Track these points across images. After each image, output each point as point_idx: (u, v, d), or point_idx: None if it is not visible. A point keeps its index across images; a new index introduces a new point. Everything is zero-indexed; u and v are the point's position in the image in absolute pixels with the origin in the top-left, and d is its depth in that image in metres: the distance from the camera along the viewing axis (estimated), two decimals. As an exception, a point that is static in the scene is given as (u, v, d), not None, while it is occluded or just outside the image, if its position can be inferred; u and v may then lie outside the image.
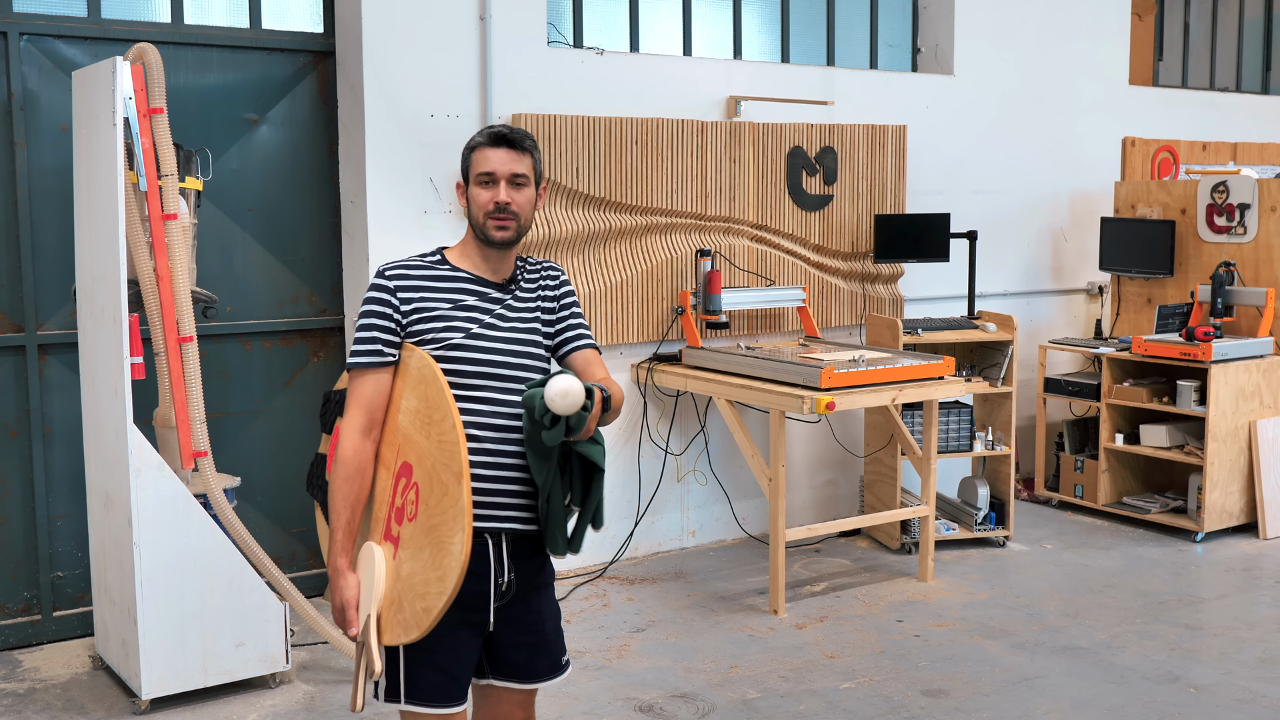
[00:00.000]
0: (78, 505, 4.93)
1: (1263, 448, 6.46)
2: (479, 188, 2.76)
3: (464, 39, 5.43)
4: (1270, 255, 6.71)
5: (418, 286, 2.73)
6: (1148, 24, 8.25)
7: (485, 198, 2.75)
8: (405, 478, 2.66)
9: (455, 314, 2.73)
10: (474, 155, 2.78)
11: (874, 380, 5.33)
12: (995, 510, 6.39)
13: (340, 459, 2.69)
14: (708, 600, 5.51)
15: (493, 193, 2.74)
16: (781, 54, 6.77)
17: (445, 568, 2.52)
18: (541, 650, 2.83)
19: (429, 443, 2.60)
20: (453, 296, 2.74)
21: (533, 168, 2.79)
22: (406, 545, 2.62)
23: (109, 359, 4.29)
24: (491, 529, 2.69)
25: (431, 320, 2.71)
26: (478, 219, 2.76)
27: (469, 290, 2.76)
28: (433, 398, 2.61)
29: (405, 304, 2.71)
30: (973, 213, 7.08)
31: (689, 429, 6.20)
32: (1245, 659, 4.81)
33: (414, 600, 2.59)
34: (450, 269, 2.78)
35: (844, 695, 4.47)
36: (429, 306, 2.72)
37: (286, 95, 5.33)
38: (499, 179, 2.74)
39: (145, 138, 4.20)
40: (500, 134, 2.76)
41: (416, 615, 2.58)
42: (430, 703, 2.69)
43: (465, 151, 2.81)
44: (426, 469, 2.59)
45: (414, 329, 2.71)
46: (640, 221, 5.91)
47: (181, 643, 4.31)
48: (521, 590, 2.75)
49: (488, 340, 2.73)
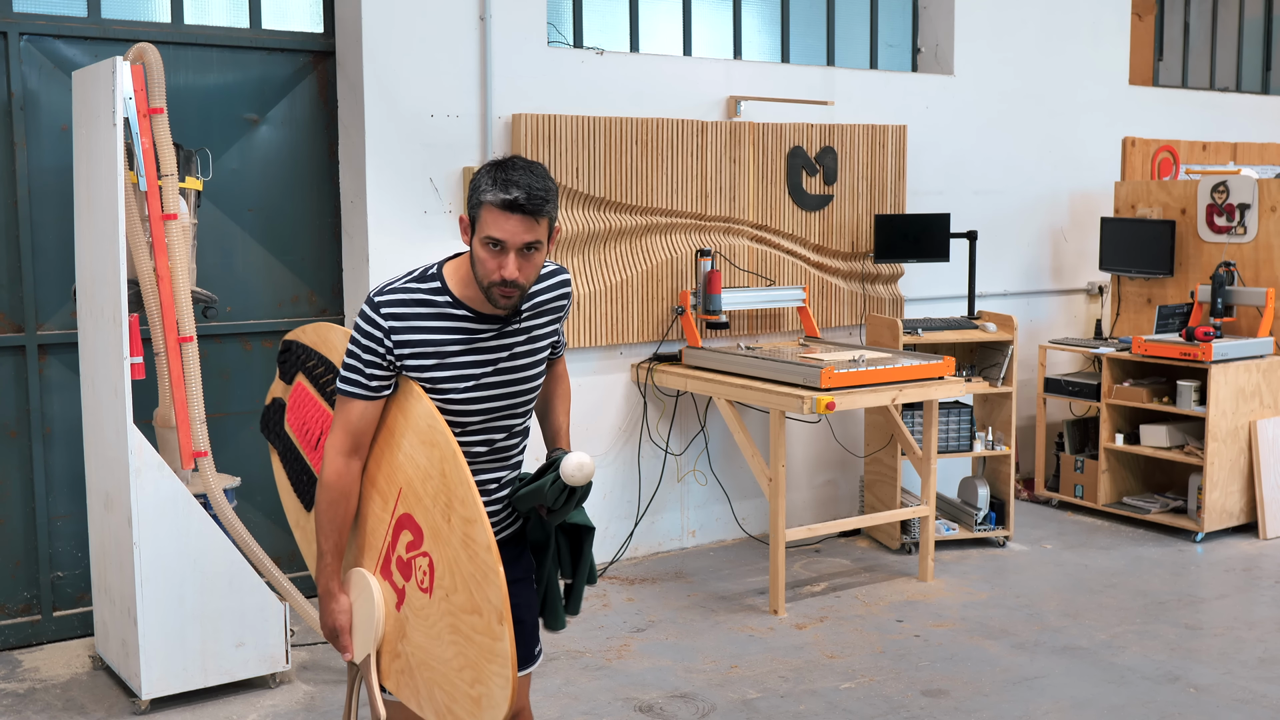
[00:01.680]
0: (78, 505, 4.93)
1: (1263, 448, 6.46)
2: (485, 251, 2.46)
3: (464, 39, 5.43)
4: (1270, 255, 6.71)
5: (415, 329, 2.53)
6: (1148, 24, 8.25)
7: (492, 266, 2.46)
8: (411, 533, 2.58)
9: (452, 363, 2.55)
10: (483, 213, 2.46)
11: (874, 380, 5.33)
12: (995, 510, 6.39)
13: (325, 483, 2.62)
14: (708, 600, 5.51)
15: (500, 263, 2.46)
16: (781, 54, 6.77)
17: (484, 700, 2.44)
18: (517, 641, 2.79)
19: (450, 531, 2.49)
20: (454, 339, 2.55)
21: (548, 226, 2.50)
22: (419, 615, 2.57)
23: (109, 359, 4.29)
24: None
25: (426, 370, 2.55)
26: (481, 280, 2.49)
27: (469, 330, 2.56)
28: (453, 483, 2.47)
29: (400, 347, 2.53)
30: (973, 213, 7.08)
31: (689, 429, 6.20)
32: (1245, 659, 4.81)
33: (433, 688, 2.55)
34: (451, 304, 2.55)
35: (844, 695, 4.47)
36: (425, 350, 2.54)
37: (286, 95, 5.33)
38: (509, 250, 2.45)
39: (145, 138, 4.20)
40: (517, 202, 2.42)
41: (439, 710, 2.54)
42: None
43: (474, 196, 2.49)
44: (447, 558, 2.50)
45: (410, 372, 2.56)
46: (640, 221, 5.91)
47: (181, 643, 4.31)
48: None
49: (485, 390, 2.61)
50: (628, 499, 6.05)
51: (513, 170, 2.45)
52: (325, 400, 2.96)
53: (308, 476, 3.05)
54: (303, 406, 3.05)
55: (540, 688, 4.47)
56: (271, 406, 3.18)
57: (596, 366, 5.91)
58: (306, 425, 3.03)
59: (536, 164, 2.50)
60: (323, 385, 2.98)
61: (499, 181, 2.44)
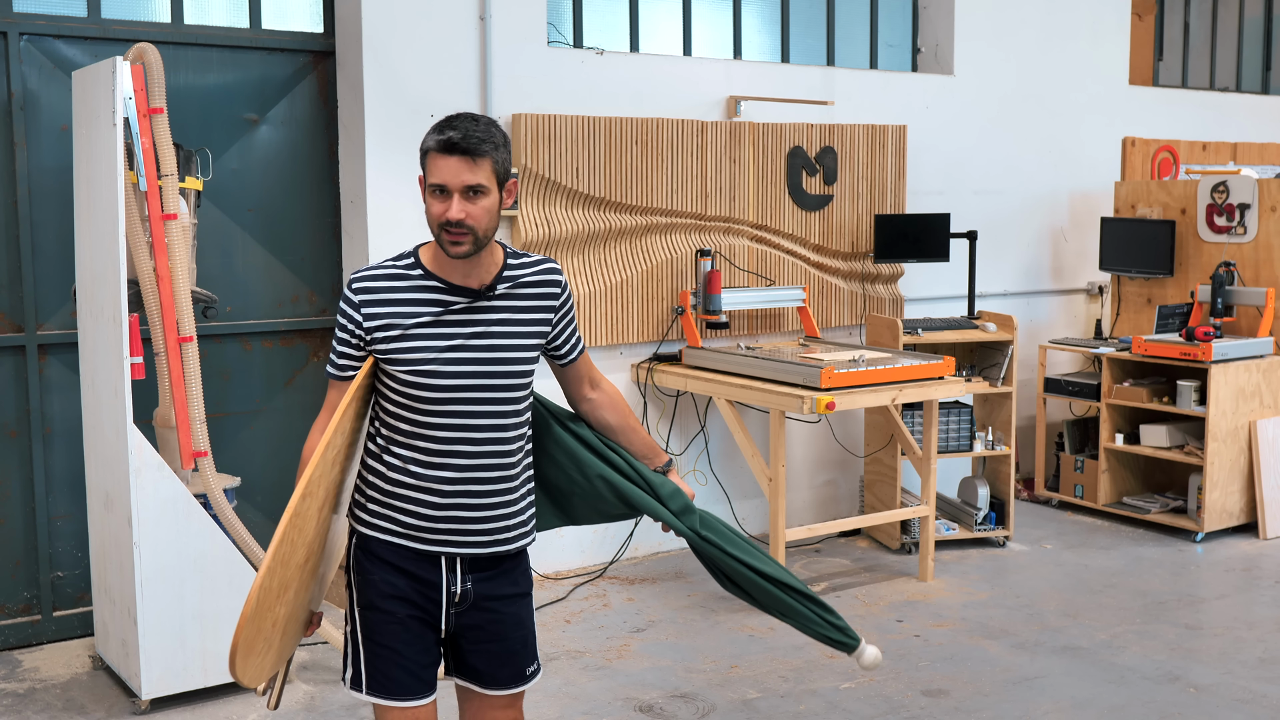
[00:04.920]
0: (78, 505, 4.93)
1: (1263, 448, 6.46)
2: (432, 198, 2.51)
3: (464, 39, 5.43)
4: (1270, 255, 6.71)
5: (385, 300, 2.57)
6: (1148, 24, 8.25)
7: (438, 210, 2.49)
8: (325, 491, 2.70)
9: (423, 333, 2.57)
10: (428, 161, 2.51)
11: (874, 380, 5.33)
12: (995, 510, 6.39)
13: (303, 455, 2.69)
14: (708, 600, 5.51)
15: (445, 206, 2.48)
16: (781, 54, 6.77)
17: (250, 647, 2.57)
18: (504, 660, 2.75)
19: (312, 502, 2.60)
20: (422, 310, 2.57)
21: (493, 170, 2.51)
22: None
23: (109, 359, 4.29)
24: (447, 553, 2.66)
25: (397, 340, 2.56)
26: (432, 229, 2.54)
27: (441, 302, 2.58)
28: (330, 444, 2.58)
29: (370, 320, 2.56)
30: (973, 213, 7.08)
31: (689, 429, 6.20)
32: (1245, 659, 4.81)
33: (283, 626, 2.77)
34: (423, 276, 2.58)
35: (844, 695, 4.47)
36: (395, 323, 2.56)
37: (286, 95, 5.33)
38: (452, 191, 2.48)
39: (145, 138, 4.20)
40: (452, 141, 2.46)
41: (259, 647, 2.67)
42: (388, 695, 2.66)
43: (422, 147, 2.54)
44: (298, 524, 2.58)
45: (378, 346, 2.57)
46: (640, 221, 5.91)
47: (181, 643, 4.31)
48: (481, 598, 2.70)
49: (458, 362, 2.58)
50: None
51: (454, 119, 2.52)
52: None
53: None
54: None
55: (540, 687, 4.47)
56: None
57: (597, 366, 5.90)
58: None
59: (483, 116, 2.56)
60: None
61: (438, 128, 2.51)
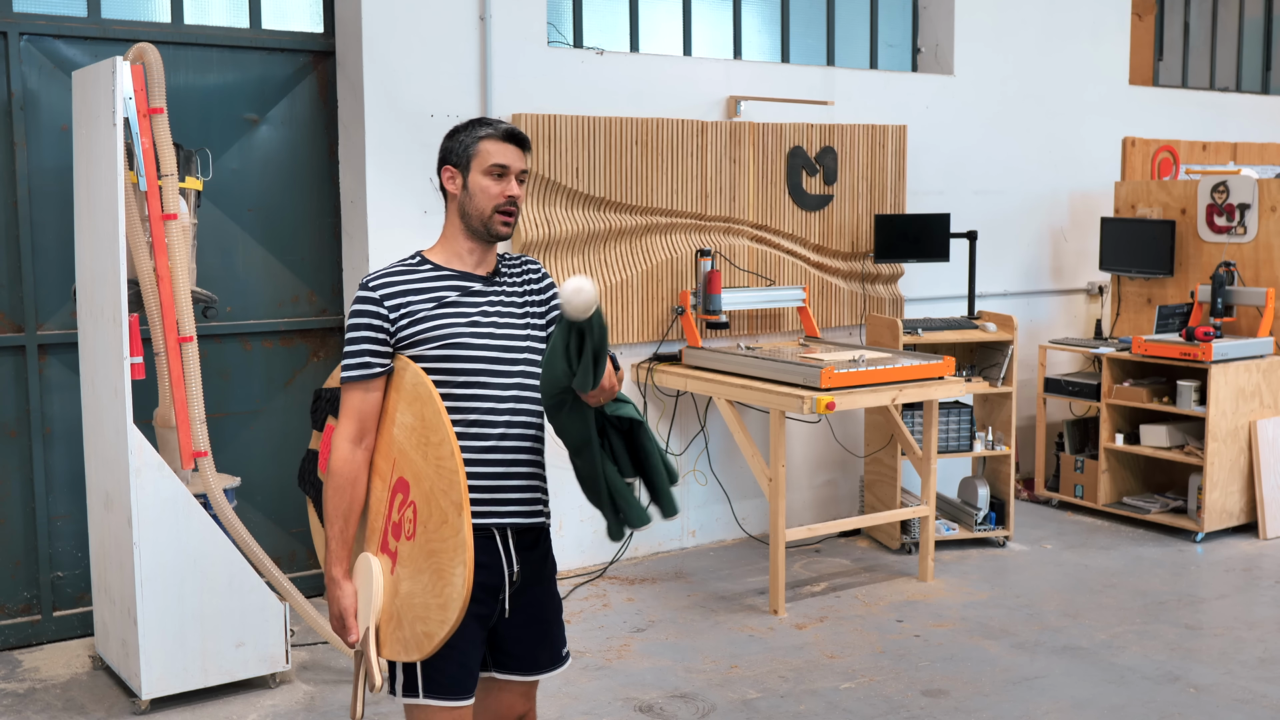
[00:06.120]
0: (78, 505, 4.93)
1: (1263, 448, 6.46)
2: (489, 179, 2.75)
3: (464, 39, 5.43)
4: (1270, 255, 6.71)
5: (404, 291, 2.71)
6: (1148, 24, 8.25)
7: (497, 190, 2.75)
8: (402, 494, 2.65)
9: (445, 311, 2.71)
10: (483, 146, 2.76)
11: (874, 380, 5.33)
12: (995, 510, 6.39)
13: (332, 469, 2.69)
14: (708, 600, 5.51)
15: (504, 185, 2.76)
16: (781, 54, 6.77)
17: (447, 597, 2.52)
18: (543, 641, 2.85)
19: (426, 464, 2.58)
20: (440, 294, 2.72)
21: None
22: (405, 563, 2.62)
23: (109, 359, 4.29)
24: (497, 524, 2.71)
25: (422, 321, 2.69)
26: (483, 210, 2.75)
27: (456, 287, 2.75)
28: (429, 418, 2.59)
29: (394, 310, 2.68)
30: (973, 213, 7.08)
31: (689, 429, 6.20)
32: (1245, 659, 4.81)
33: (414, 622, 2.59)
34: (433, 269, 2.77)
35: (844, 695, 4.47)
36: (417, 308, 2.70)
37: (286, 95, 5.33)
38: (511, 173, 2.76)
39: (145, 138, 4.20)
40: (514, 132, 2.78)
41: (417, 638, 2.59)
42: (448, 695, 2.69)
43: (465, 140, 2.78)
44: (424, 490, 2.58)
45: (405, 333, 2.68)
46: (640, 221, 5.91)
47: (181, 643, 4.31)
48: (526, 582, 2.78)
49: (482, 334, 2.72)
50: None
51: (493, 119, 2.87)
52: None
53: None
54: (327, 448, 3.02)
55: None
56: (305, 458, 3.17)
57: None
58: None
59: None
60: None
61: (490, 122, 2.80)
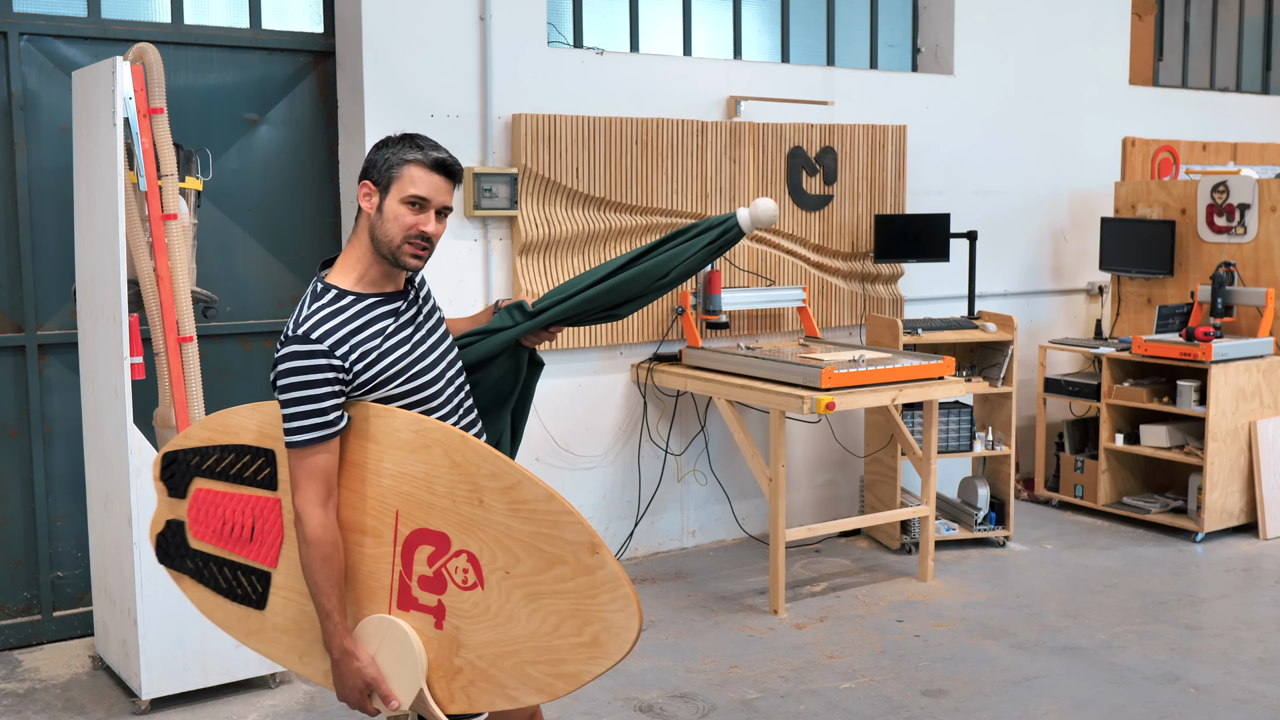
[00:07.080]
0: (78, 505, 4.93)
1: (1263, 448, 6.46)
2: (404, 207, 2.56)
3: (464, 39, 5.43)
4: (1270, 255, 6.71)
5: (347, 335, 2.54)
6: (1148, 24, 8.25)
7: (410, 221, 2.55)
8: (429, 545, 2.52)
9: (392, 344, 2.58)
10: (407, 170, 2.56)
11: (874, 380, 5.33)
12: (995, 510, 6.39)
13: (312, 540, 2.51)
14: (708, 600, 5.52)
15: (420, 220, 2.57)
16: (781, 54, 6.77)
17: (595, 633, 2.41)
18: None
19: (490, 512, 2.46)
20: (377, 326, 2.58)
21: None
22: (478, 616, 2.50)
23: (109, 359, 4.29)
24: None
25: (377, 362, 2.55)
26: (392, 239, 2.56)
27: (388, 313, 2.61)
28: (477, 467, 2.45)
29: (346, 359, 2.52)
30: (973, 213, 7.08)
31: (689, 429, 6.20)
32: (1245, 659, 4.81)
33: (523, 668, 2.49)
34: (357, 299, 2.59)
35: (844, 695, 4.47)
36: (367, 348, 2.55)
37: (286, 95, 5.33)
38: (432, 207, 2.58)
39: (145, 138, 4.20)
40: (444, 162, 2.58)
41: (550, 680, 2.48)
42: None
43: (391, 159, 2.58)
44: (493, 539, 2.46)
45: (362, 378, 2.55)
46: (640, 221, 5.91)
47: (181, 643, 4.31)
48: None
49: (424, 354, 2.64)
50: (628, 499, 6.05)
51: (422, 138, 2.62)
52: (253, 486, 2.73)
53: (247, 575, 2.79)
54: (213, 510, 2.81)
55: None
56: (166, 531, 2.90)
57: (596, 366, 5.91)
58: (229, 523, 2.79)
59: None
60: (241, 473, 2.75)
61: (423, 145, 2.59)
